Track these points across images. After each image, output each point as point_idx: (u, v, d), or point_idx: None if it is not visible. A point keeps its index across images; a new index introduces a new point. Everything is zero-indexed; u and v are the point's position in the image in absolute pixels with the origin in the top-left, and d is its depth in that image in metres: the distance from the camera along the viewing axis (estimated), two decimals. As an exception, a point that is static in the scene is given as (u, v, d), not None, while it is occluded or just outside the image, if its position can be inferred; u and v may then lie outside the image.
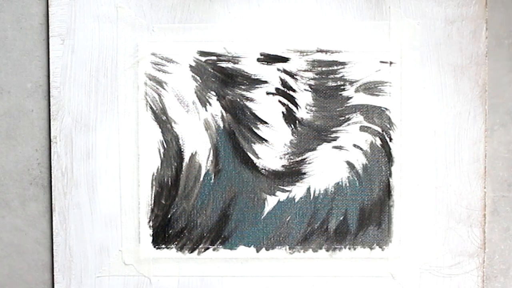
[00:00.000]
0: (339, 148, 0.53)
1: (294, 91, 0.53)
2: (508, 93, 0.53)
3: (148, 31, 0.53)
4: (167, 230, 0.54)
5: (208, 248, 0.54)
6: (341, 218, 0.53)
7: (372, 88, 0.53)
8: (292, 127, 0.53)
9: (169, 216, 0.54)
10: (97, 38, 0.53)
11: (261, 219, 0.53)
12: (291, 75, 0.53)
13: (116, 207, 0.54)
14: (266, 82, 0.53)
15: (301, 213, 0.53)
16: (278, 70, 0.53)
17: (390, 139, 0.53)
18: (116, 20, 0.53)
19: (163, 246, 0.54)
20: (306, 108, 0.53)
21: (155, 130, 0.53)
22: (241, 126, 0.53)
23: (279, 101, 0.53)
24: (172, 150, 0.54)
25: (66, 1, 0.53)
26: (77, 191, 0.54)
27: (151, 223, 0.54)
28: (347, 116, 0.53)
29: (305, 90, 0.53)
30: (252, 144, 0.52)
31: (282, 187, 0.53)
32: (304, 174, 0.53)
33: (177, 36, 0.53)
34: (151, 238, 0.54)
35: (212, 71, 0.53)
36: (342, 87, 0.53)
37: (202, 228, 0.54)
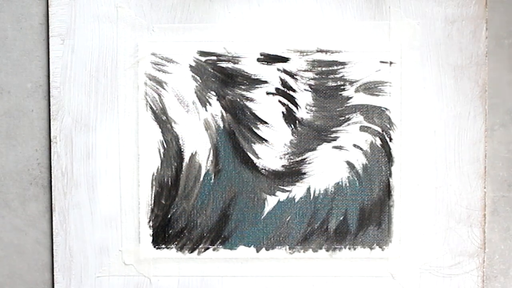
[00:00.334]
0: (339, 148, 0.53)
1: (294, 91, 0.53)
2: (508, 93, 0.53)
3: (148, 31, 0.53)
4: (167, 230, 0.54)
5: (208, 248, 0.54)
6: (341, 218, 0.53)
7: (372, 88, 0.53)
8: (292, 127, 0.53)
9: (169, 216, 0.54)
10: (97, 38, 0.53)
11: (261, 219, 0.53)
12: (291, 75, 0.53)
13: (116, 207, 0.54)
14: (266, 82, 0.53)
15: (301, 213, 0.53)
16: (278, 70, 0.53)
17: (390, 139, 0.53)
18: (116, 20, 0.53)
19: (163, 246, 0.54)
20: (306, 108, 0.53)
21: (155, 130, 0.53)
22: (241, 126, 0.53)
23: (279, 101, 0.53)
24: (172, 150, 0.54)
25: (66, 1, 0.53)
26: (77, 191, 0.54)
27: (151, 223, 0.54)
28: (347, 116, 0.53)
29: (305, 90, 0.53)
30: (252, 144, 0.52)
31: (282, 187, 0.53)
32: (304, 174, 0.53)
33: (177, 36, 0.53)
34: (151, 238, 0.54)
35: (212, 71, 0.53)
36: (342, 87, 0.53)
37: (202, 228, 0.54)
